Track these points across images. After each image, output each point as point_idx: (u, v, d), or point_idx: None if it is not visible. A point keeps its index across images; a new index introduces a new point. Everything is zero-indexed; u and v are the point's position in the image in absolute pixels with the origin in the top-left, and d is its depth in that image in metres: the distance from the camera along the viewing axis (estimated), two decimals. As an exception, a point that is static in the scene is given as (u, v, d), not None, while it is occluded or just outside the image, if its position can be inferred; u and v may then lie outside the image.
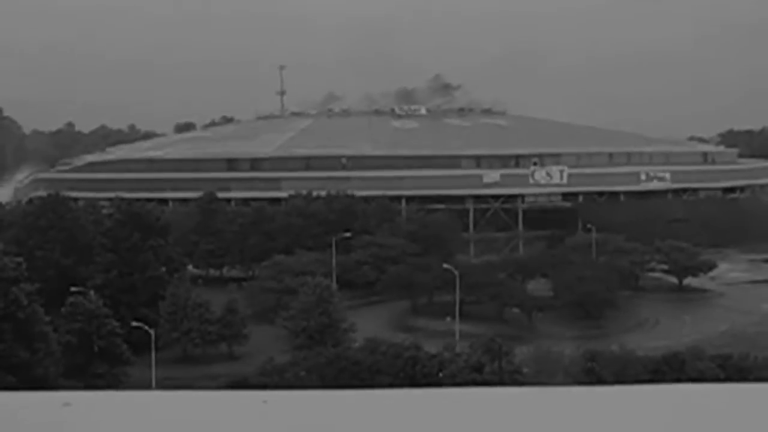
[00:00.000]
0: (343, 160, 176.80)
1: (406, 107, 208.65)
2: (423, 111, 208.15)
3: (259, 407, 3.42)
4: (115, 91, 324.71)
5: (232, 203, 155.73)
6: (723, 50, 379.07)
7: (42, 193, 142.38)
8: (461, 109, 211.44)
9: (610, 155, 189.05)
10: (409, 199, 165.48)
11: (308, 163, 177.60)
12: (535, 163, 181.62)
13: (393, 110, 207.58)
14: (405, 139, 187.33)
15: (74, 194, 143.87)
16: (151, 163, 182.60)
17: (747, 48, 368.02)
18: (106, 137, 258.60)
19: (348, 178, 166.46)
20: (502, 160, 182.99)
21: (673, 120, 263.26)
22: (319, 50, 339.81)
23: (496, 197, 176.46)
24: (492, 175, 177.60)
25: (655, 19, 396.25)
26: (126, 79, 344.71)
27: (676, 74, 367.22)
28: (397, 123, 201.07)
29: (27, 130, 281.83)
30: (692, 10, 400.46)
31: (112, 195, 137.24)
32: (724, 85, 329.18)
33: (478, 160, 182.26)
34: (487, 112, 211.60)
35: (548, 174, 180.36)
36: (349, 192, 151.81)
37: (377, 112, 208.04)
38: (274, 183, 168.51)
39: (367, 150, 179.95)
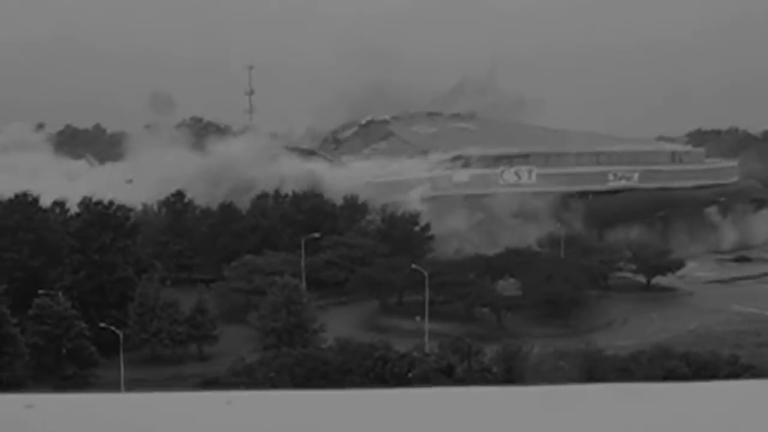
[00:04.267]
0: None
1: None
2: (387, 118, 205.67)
3: (223, 408, 3.41)
4: (77, 88, 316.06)
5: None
6: (692, 48, 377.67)
7: None
8: (430, 114, 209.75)
9: (578, 155, 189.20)
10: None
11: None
12: (504, 164, 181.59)
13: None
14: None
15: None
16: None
17: (717, 47, 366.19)
18: (74, 137, 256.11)
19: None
20: (471, 161, 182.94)
21: (641, 118, 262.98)
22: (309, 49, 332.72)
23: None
24: (461, 175, 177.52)
25: (623, 12, 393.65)
26: (86, 75, 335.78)
27: (644, 71, 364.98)
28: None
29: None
30: (663, 6, 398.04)
31: None
32: (693, 84, 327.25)
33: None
34: (456, 116, 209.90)
35: (517, 174, 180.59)
36: (317, 191, 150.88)
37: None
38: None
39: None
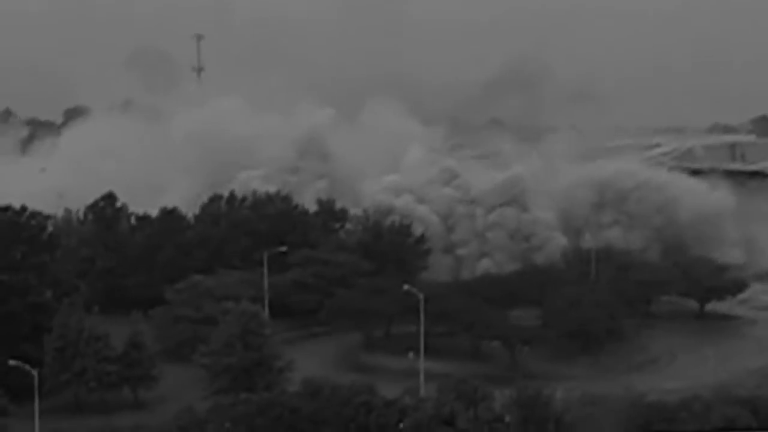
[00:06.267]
0: None
1: None
2: None
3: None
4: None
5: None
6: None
7: None
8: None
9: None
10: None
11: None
12: None
13: None
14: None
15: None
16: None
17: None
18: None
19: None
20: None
21: (695, 101, 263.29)
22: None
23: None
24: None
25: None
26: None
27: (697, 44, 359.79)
28: None
29: None
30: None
31: None
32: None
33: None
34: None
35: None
36: (284, 193, 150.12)
37: None
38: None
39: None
